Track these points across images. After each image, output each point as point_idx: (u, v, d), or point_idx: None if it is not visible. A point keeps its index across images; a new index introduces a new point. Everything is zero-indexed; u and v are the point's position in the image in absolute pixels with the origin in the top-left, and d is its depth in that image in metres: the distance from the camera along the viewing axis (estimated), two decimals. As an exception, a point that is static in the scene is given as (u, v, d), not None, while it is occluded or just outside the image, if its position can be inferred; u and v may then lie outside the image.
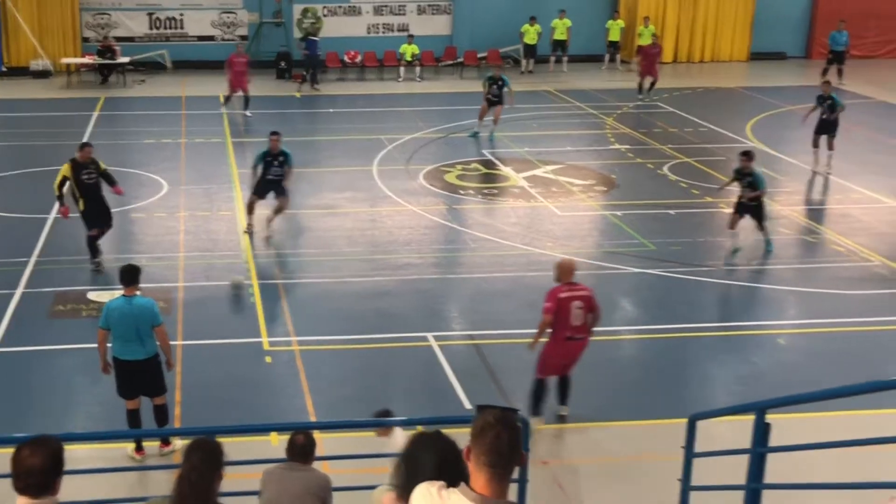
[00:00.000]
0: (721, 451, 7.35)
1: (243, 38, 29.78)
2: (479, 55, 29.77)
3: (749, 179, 14.48)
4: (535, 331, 9.58)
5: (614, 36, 30.52)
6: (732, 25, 31.92)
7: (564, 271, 9.71)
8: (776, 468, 7.19)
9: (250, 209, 15.08)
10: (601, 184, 18.25)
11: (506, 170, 19.06)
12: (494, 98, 21.67)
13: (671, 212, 16.44)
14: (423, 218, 16.06)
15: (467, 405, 9.74)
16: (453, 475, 3.54)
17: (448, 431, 3.72)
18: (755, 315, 12.52)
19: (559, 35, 29.98)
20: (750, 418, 7.05)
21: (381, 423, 7.20)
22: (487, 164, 19.56)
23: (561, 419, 9.64)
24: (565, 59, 30.02)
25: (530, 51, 29.83)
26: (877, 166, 19.52)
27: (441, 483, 3.52)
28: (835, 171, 18.96)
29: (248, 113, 23.40)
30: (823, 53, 29.56)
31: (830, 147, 18.98)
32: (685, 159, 19.76)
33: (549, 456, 8.95)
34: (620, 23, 30.64)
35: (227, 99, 24.19)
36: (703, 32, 31.90)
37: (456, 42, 30.58)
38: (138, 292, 8.71)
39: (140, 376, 8.74)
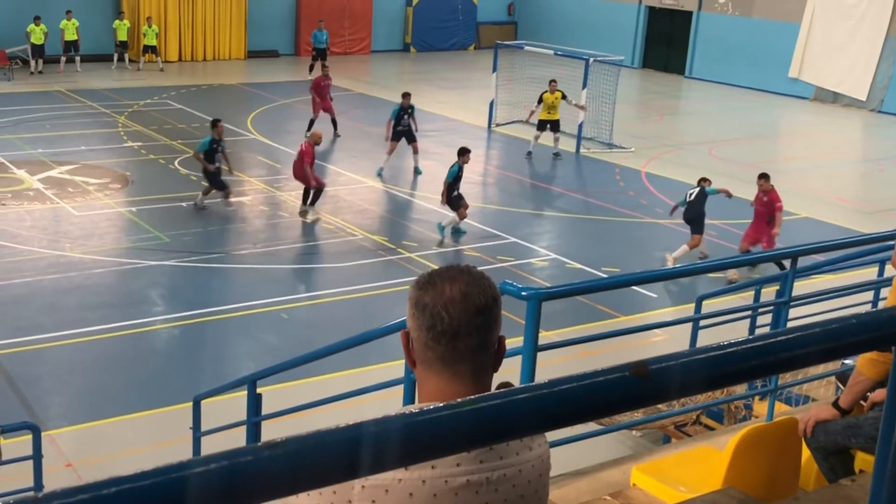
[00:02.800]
0: (222, 427, 7.38)
1: None
2: (-15, 56, 27.08)
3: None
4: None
5: (122, 36, 29.24)
6: (229, 25, 31.93)
7: (316, 137, 15.93)
8: (275, 435, 7.40)
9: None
10: (116, 181, 17.47)
11: (19, 172, 17.58)
12: (405, 128, 18.62)
13: (183, 204, 16.18)
14: (-69, 229, 14.35)
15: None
16: None
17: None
18: (262, 294, 12.66)
19: (70, 35, 28.10)
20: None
21: None
22: None
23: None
24: (77, 58, 28.25)
25: (38, 51, 27.65)
26: (358, 151, 20.63)
27: None
28: (328, 159, 19.78)
29: None
30: (309, 50, 30.56)
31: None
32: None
33: (73, 457, 8.47)
34: (126, 23, 29.41)
35: None
36: (203, 32, 31.58)
37: (-41, 43, 27.55)
38: None
39: None
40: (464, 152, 15.24)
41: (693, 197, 14.57)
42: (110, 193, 16.76)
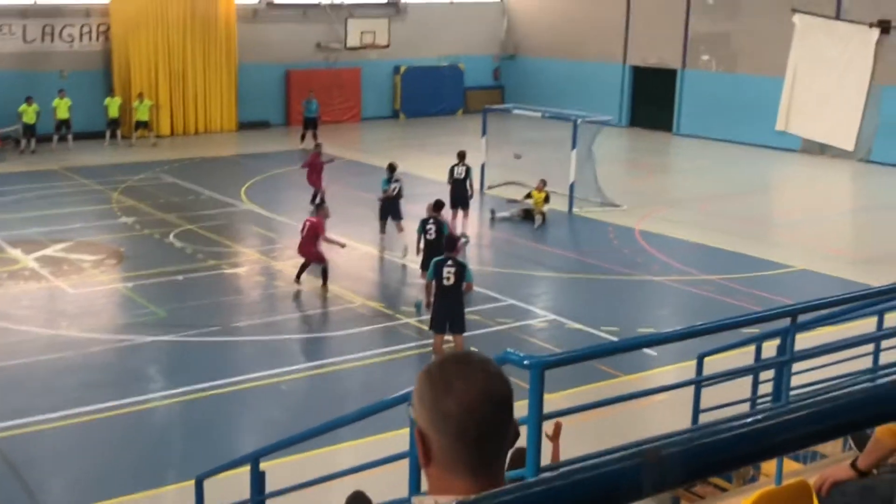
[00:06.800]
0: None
1: None
2: (-22, 137, 27.29)
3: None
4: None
5: (113, 113, 29.53)
6: (220, 98, 32.27)
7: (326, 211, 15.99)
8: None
9: None
10: (111, 257, 17.51)
11: (14, 252, 17.61)
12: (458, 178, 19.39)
13: (179, 278, 16.20)
14: (-73, 313, 14.33)
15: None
16: None
17: None
18: (262, 366, 12.59)
19: (62, 114, 28.42)
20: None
21: None
22: (-5, 248, 17.93)
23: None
24: (70, 136, 28.51)
25: (30, 130, 27.90)
26: (353, 217, 20.68)
27: None
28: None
29: None
30: (300, 120, 30.86)
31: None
32: (189, 226, 19.59)
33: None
34: (118, 100, 29.73)
35: None
36: (194, 106, 31.91)
37: (-47, 124, 27.77)
38: None
39: None
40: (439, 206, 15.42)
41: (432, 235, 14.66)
42: (105, 270, 16.79)
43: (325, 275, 15.61)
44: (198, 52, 31.64)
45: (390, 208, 18.17)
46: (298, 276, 15.65)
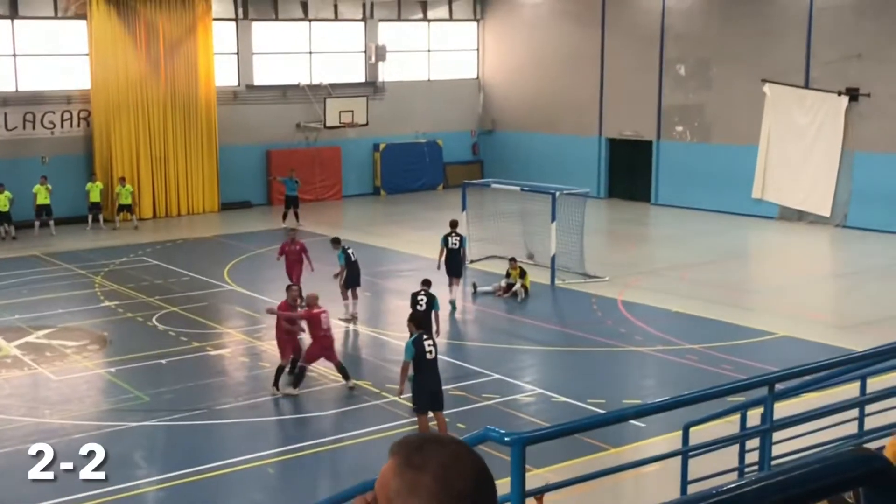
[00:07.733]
0: None
1: None
2: (-45, 225, 27.27)
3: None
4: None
5: (95, 197, 29.66)
6: (202, 180, 32.49)
7: (312, 299, 14.80)
8: None
9: None
10: (94, 342, 17.47)
11: (-4, 340, 17.56)
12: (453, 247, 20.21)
13: (162, 361, 16.16)
14: None
15: None
16: None
17: None
18: (247, 449, 12.53)
19: (42, 200, 28.52)
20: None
21: None
22: (-24, 336, 17.86)
23: None
24: (51, 222, 28.58)
25: (5, 218, 27.92)
26: (334, 295, 20.72)
27: None
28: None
29: None
30: (281, 199, 31.08)
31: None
32: (172, 308, 19.59)
33: None
34: (99, 185, 29.89)
35: None
36: (176, 188, 32.10)
37: (-69, 214, 27.76)
38: None
39: None
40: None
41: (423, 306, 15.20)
42: (88, 355, 16.74)
43: (278, 373, 14.48)
44: (179, 135, 31.96)
45: (355, 277, 19.05)
46: (291, 372, 14.78)
